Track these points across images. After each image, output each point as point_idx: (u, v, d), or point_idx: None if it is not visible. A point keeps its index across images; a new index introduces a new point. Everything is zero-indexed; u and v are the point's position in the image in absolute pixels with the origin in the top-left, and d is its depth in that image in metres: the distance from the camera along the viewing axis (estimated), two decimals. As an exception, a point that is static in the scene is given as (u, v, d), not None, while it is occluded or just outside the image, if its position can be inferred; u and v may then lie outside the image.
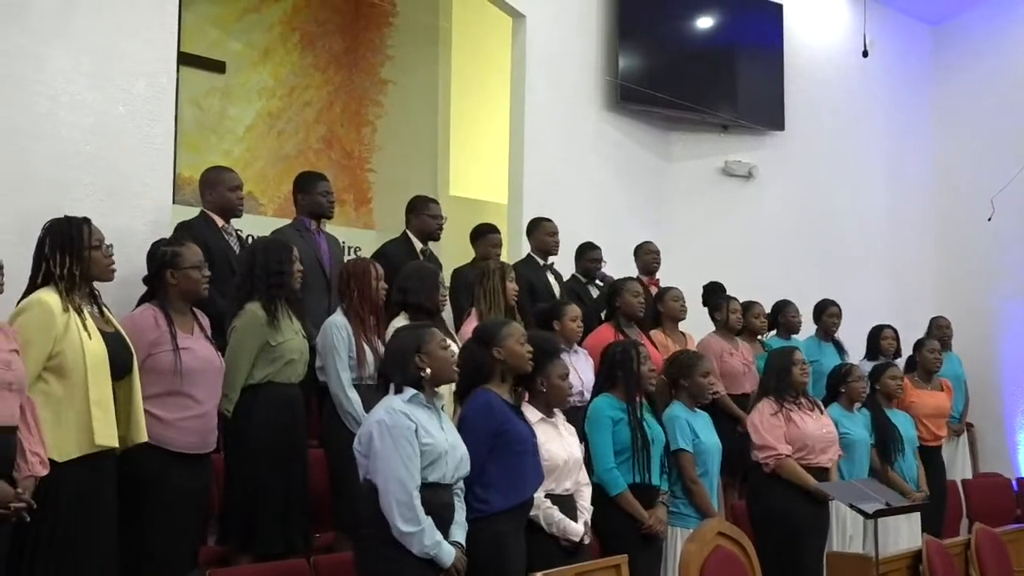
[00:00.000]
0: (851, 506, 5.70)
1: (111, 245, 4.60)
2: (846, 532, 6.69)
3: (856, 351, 8.93)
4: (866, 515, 5.52)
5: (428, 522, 4.20)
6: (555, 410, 5.21)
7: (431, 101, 10.18)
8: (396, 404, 4.32)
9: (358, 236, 9.36)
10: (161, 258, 4.97)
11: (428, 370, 4.41)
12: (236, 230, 6.31)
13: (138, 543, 4.64)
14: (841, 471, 6.76)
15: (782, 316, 8.60)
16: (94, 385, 4.29)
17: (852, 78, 11.52)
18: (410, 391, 4.38)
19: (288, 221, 6.89)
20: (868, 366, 7.95)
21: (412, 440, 4.23)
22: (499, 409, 4.75)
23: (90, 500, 4.31)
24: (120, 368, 4.48)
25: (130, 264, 5.50)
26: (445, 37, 10.20)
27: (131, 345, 4.60)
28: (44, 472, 4.07)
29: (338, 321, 5.57)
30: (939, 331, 9.55)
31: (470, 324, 6.15)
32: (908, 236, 11.99)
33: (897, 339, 8.86)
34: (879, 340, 8.81)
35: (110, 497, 4.45)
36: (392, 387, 4.45)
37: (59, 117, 5.90)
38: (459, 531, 4.42)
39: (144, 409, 4.63)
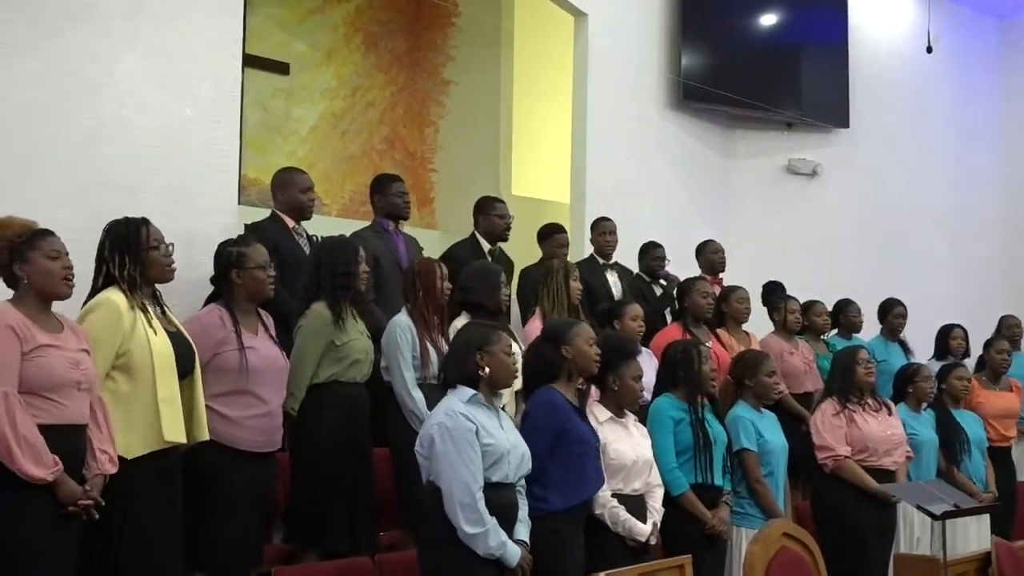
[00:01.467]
0: (918, 507, 5.63)
1: (171, 245, 4.62)
2: (913, 534, 6.62)
3: (923, 351, 8.81)
4: (934, 516, 5.45)
5: (493, 523, 4.20)
6: (625, 410, 5.19)
7: (493, 101, 10.19)
8: (456, 406, 4.30)
9: (421, 236, 9.27)
10: (227, 258, 5.01)
11: (487, 369, 4.38)
12: (306, 231, 6.35)
13: (204, 540, 4.69)
14: (909, 473, 6.67)
15: (843, 315, 8.49)
16: (161, 382, 4.34)
17: (918, 74, 11.37)
18: (468, 391, 4.36)
19: (352, 221, 6.95)
20: (936, 366, 7.84)
21: (473, 442, 4.23)
22: (562, 408, 4.74)
23: (158, 496, 4.35)
24: (183, 368, 4.52)
25: (196, 265, 5.55)
26: (507, 37, 10.20)
27: (193, 345, 4.64)
28: (113, 470, 4.13)
29: (402, 321, 5.59)
30: (1008, 330, 9.36)
31: (534, 324, 6.17)
32: (976, 234, 11.80)
33: (966, 339, 8.73)
34: (948, 340, 8.69)
35: (176, 493, 4.50)
36: (449, 386, 4.45)
37: (127, 120, 5.97)
38: (523, 529, 4.43)
39: (210, 407, 4.68)
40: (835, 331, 8.50)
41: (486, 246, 7.31)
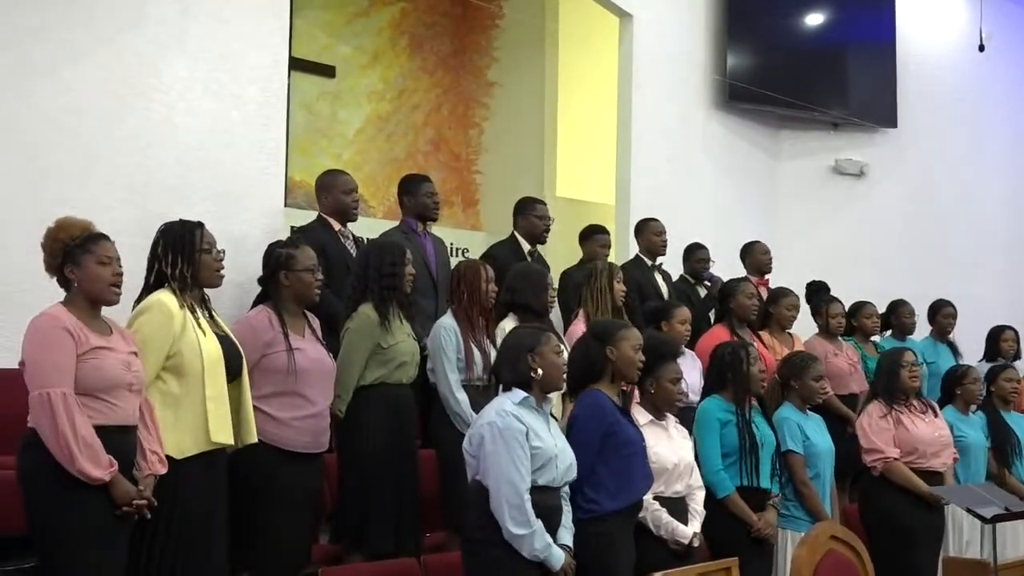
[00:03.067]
0: (968, 510, 5.59)
1: (223, 251, 4.67)
2: (963, 537, 6.57)
3: (973, 354, 8.74)
4: (984, 520, 5.41)
5: (539, 525, 4.22)
6: (666, 412, 5.20)
7: (537, 102, 10.20)
8: (507, 406, 4.33)
9: (466, 238, 9.43)
10: (276, 260, 5.04)
11: (539, 371, 4.40)
12: (352, 234, 6.40)
13: (251, 540, 4.73)
14: (957, 475, 6.63)
15: (895, 317, 8.45)
16: (210, 383, 4.38)
17: (969, 72, 11.26)
18: (520, 393, 4.39)
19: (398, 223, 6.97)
20: (986, 368, 7.78)
21: (523, 443, 4.25)
22: (609, 410, 4.75)
23: (206, 496, 4.39)
24: (231, 371, 4.56)
25: (243, 268, 5.61)
26: (551, 38, 10.21)
27: (241, 349, 4.68)
28: (163, 470, 4.17)
29: (447, 323, 5.63)
30: (1059, 333, 9.29)
31: (578, 325, 6.17)
32: (1029, 237, 11.68)
33: (1018, 341, 8.67)
34: (999, 342, 8.62)
35: (224, 494, 4.54)
36: (501, 388, 4.48)
37: (175, 123, 6.05)
38: (567, 534, 4.45)
39: (259, 408, 4.72)
40: (888, 333, 8.45)
41: (526, 247, 7.32)
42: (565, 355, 4.72)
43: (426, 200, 6.77)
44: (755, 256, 8.61)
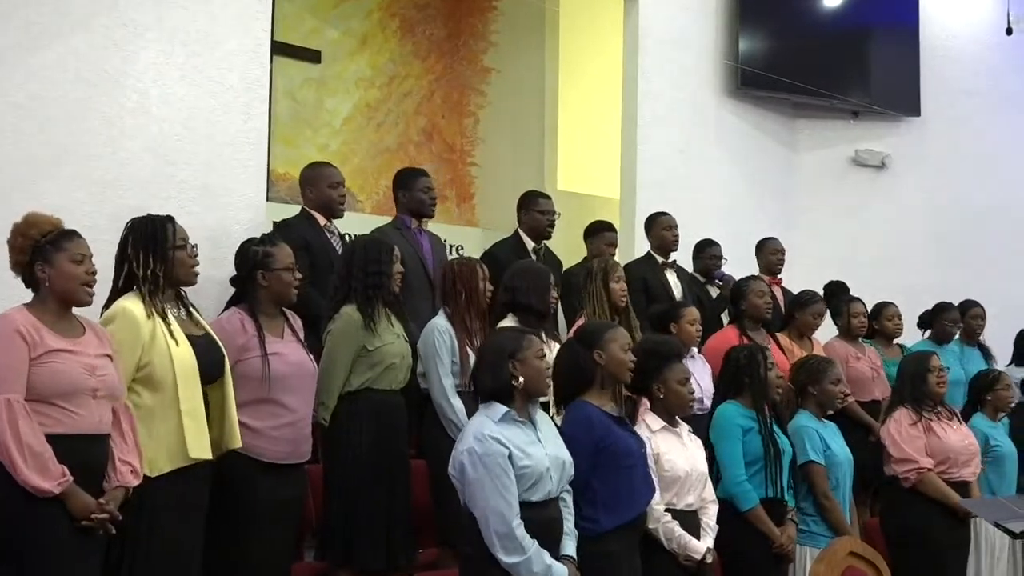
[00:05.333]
0: (996, 524, 5.58)
1: (196, 246, 4.65)
2: (993, 552, 6.55)
3: (1004, 357, 8.73)
4: (1013, 535, 5.40)
5: (534, 548, 4.17)
6: (678, 418, 5.17)
7: (537, 90, 10.18)
8: (486, 428, 4.25)
9: (461, 234, 9.41)
10: (252, 258, 5.00)
11: (521, 379, 4.34)
12: (338, 229, 6.38)
13: (229, 555, 4.69)
14: (991, 486, 6.62)
15: (937, 321, 8.34)
16: (185, 395, 4.35)
17: (996, 58, 11.22)
18: (499, 409, 4.31)
19: (388, 218, 6.95)
20: (1017, 372, 7.78)
21: (507, 467, 4.18)
22: (599, 423, 4.69)
23: (182, 513, 4.37)
24: (213, 372, 4.55)
25: (222, 264, 5.59)
26: (552, 21, 10.19)
27: (223, 347, 4.66)
28: (136, 482, 4.14)
29: (440, 325, 5.60)
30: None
31: (580, 328, 6.15)
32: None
33: (1050, 342, 8.67)
34: (1029, 344, 8.63)
35: (202, 510, 4.52)
36: (479, 399, 4.43)
37: (150, 112, 6.02)
38: (570, 543, 4.41)
39: (234, 415, 4.70)
40: (926, 335, 8.40)
41: (530, 244, 7.32)
42: (550, 358, 4.67)
43: (422, 196, 6.76)
44: (765, 255, 8.59)
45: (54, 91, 5.70)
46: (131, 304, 4.36)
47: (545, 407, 5.03)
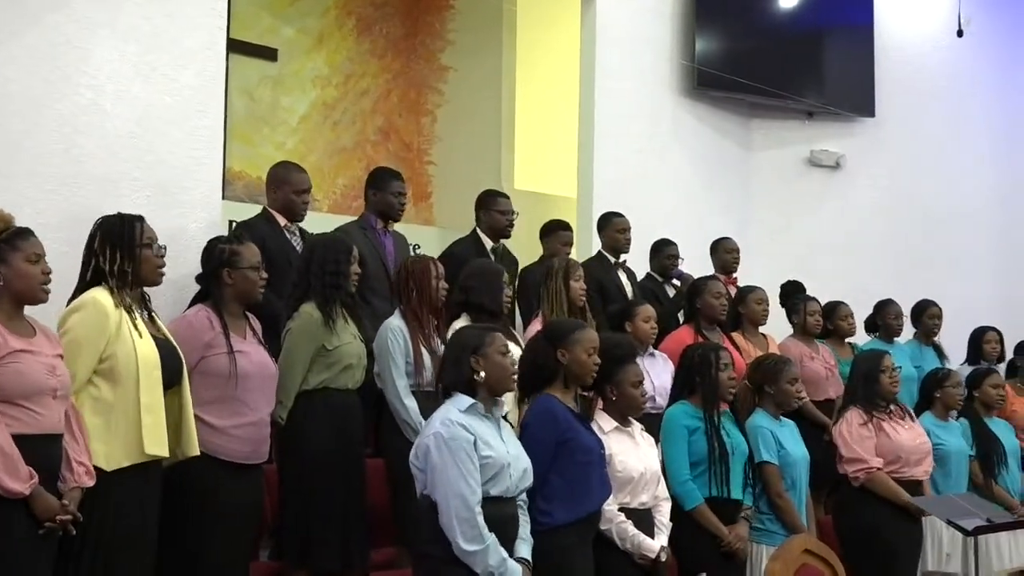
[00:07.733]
0: (948, 522, 5.63)
1: (164, 247, 4.67)
2: (943, 550, 6.60)
3: (956, 355, 8.82)
4: (965, 532, 5.46)
5: (492, 539, 4.20)
6: (631, 419, 5.20)
7: (494, 88, 10.18)
8: (453, 415, 4.30)
9: (418, 233, 9.37)
10: (219, 256, 4.99)
11: (482, 373, 4.38)
12: (299, 229, 6.36)
13: (186, 556, 4.69)
14: (936, 485, 6.68)
15: (881, 318, 8.47)
16: (145, 389, 4.35)
17: (950, 58, 11.32)
18: (466, 400, 4.36)
19: (344, 217, 6.94)
20: (969, 371, 7.84)
21: (472, 453, 4.23)
22: (563, 417, 4.74)
23: (136, 511, 4.37)
24: (170, 377, 4.53)
25: (179, 263, 5.58)
26: (509, 20, 10.19)
27: (181, 354, 4.65)
28: (91, 483, 4.15)
29: (394, 325, 5.59)
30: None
31: (536, 326, 6.16)
32: (1016, 231, 11.69)
33: (1001, 343, 8.74)
34: (981, 343, 8.70)
35: (156, 508, 4.51)
36: (443, 394, 4.46)
37: (104, 110, 5.98)
38: (524, 547, 4.43)
39: (196, 415, 4.68)
40: (875, 335, 8.48)
41: (488, 243, 7.33)
42: (515, 355, 4.70)
43: (393, 199, 6.77)
44: (720, 254, 8.64)
45: (7, 88, 5.65)
46: (100, 295, 4.37)
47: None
